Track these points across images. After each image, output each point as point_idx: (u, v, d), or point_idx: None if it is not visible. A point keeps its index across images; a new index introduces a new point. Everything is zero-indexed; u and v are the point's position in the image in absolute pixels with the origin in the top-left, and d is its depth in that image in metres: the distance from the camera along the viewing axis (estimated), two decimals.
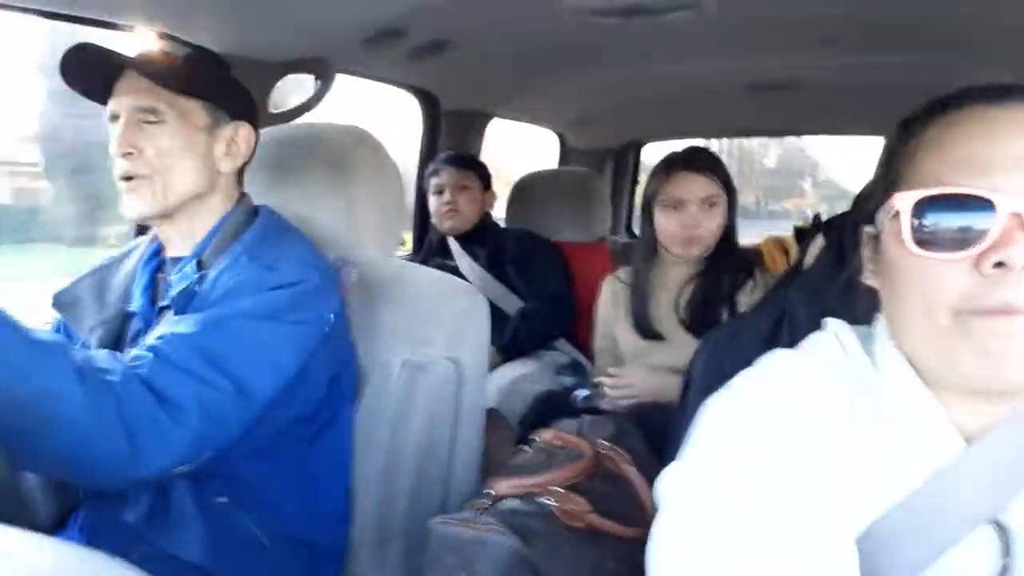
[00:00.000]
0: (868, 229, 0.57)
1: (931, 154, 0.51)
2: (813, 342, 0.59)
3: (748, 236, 1.99)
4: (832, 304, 0.67)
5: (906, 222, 0.50)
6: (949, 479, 0.50)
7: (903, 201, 0.50)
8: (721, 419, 0.54)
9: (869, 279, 0.58)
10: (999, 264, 0.46)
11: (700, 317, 1.44)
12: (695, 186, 1.48)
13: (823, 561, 0.44)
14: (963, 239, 0.47)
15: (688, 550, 0.43)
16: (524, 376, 1.81)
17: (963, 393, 0.51)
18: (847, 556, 0.46)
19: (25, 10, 1.12)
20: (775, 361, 0.58)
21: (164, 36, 1.22)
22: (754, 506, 0.45)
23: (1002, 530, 0.49)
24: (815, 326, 0.62)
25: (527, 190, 2.23)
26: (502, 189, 2.24)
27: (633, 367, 1.50)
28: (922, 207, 0.49)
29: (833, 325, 0.59)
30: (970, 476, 0.49)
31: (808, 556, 0.43)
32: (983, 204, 0.47)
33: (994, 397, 0.50)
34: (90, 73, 0.95)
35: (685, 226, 1.47)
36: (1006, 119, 0.49)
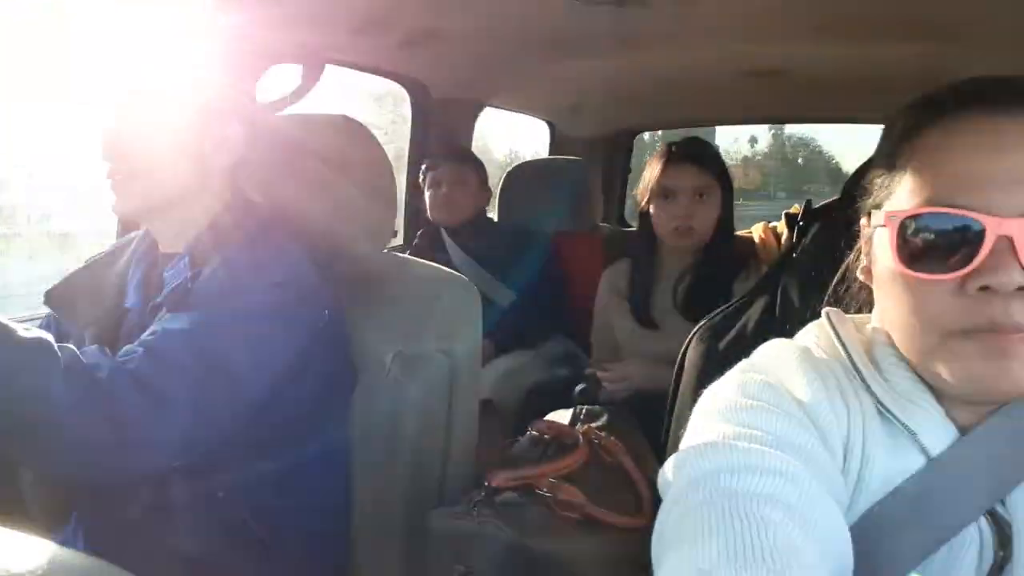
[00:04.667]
0: (865, 227, 0.57)
1: (926, 163, 0.50)
2: (809, 332, 0.59)
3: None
4: (825, 289, 0.67)
5: (893, 238, 0.49)
6: (943, 469, 0.50)
7: (891, 218, 0.49)
8: (720, 407, 0.54)
9: (863, 276, 0.57)
10: (985, 287, 0.45)
11: (697, 306, 1.45)
12: (687, 176, 1.49)
13: (824, 546, 0.44)
14: (950, 260, 0.46)
15: (693, 539, 0.43)
16: (518, 368, 1.81)
17: (952, 399, 0.51)
18: (845, 542, 0.47)
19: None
20: (772, 351, 0.58)
21: (153, 27, 1.21)
22: (757, 510, 0.45)
23: (998, 522, 0.49)
24: (808, 311, 0.62)
25: (519, 180, 2.23)
26: None
27: (629, 358, 1.51)
28: (910, 224, 0.48)
29: (830, 315, 0.59)
30: (964, 467, 0.50)
31: (809, 540, 0.43)
32: (972, 225, 0.45)
33: (985, 404, 0.50)
34: (81, 74, 0.94)
35: (677, 216, 1.49)
36: (1005, 130, 0.47)
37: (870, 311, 0.59)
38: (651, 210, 1.53)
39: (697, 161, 1.51)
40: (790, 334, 0.62)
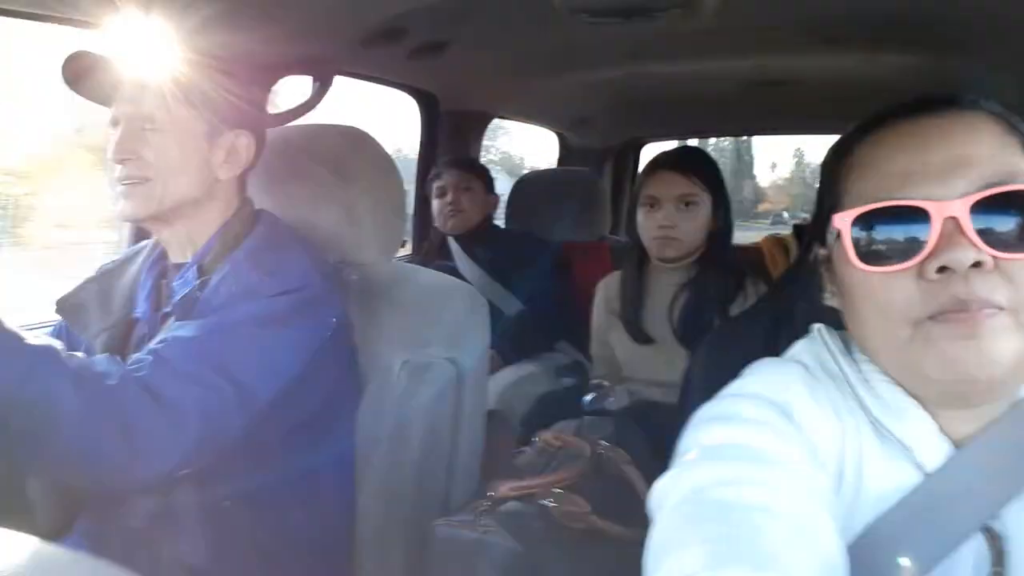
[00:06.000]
0: (822, 251, 0.58)
1: (863, 173, 0.53)
2: (801, 348, 0.60)
3: None
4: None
5: (848, 240, 0.51)
6: (939, 484, 0.50)
7: (842, 221, 0.52)
8: (710, 430, 0.54)
9: (830, 300, 0.58)
10: (943, 269, 0.47)
11: (692, 327, 1.41)
12: (671, 184, 1.45)
13: (815, 553, 0.44)
14: (905, 250, 0.48)
15: (679, 548, 0.43)
16: (525, 377, 1.81)
17: (939, 401, 0.51)
18: (838, 554, 0.46)
19: (17, 13, 1.11)
20: (763, 370, 0.58)
21: (164, 39, 1.22)
22: (744, 516, 0.45)
23: (994, 537, 0.49)
24: (816, 322, 0.62)
25: (527, 190, 2.23)
26: None
27: (629, 376, 1.48)
28: (861, 224, 0.50)
29: (820, 331, 0.59)
30: (960, 481, 0.49)
31: (798, 546, 0.43)
32: (918, 213, 0.48)
33: (971, 401, 0.50)
34: (91, 79, 0.95)
35: (661, 226, 1.45)
36: (929, 130, 0.51)
37: None
38: (638, 220, 1.49)
39: (681, 169, 1.46)
40: None
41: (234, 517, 0.94)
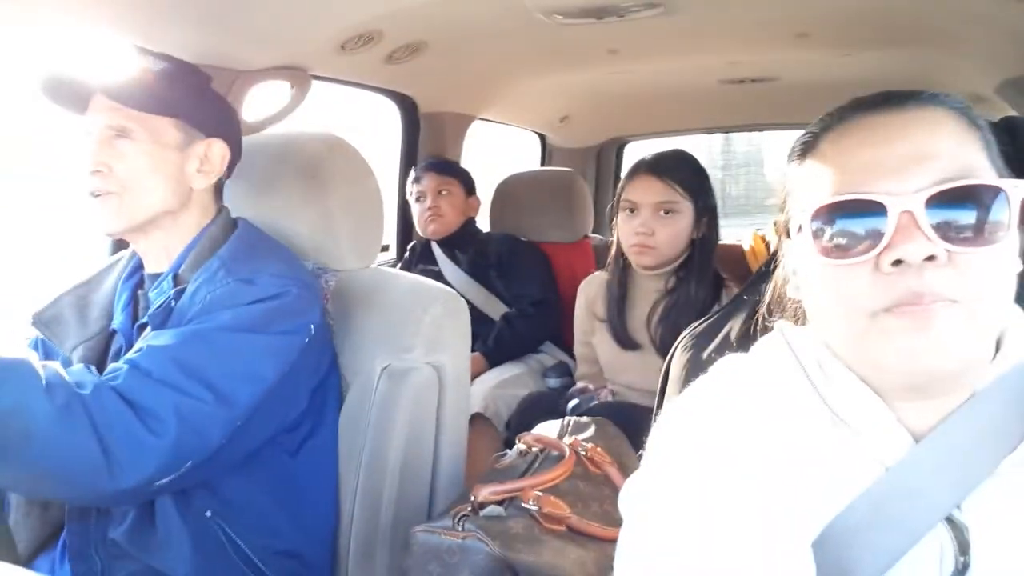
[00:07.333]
0: (787, 242, 0.59)
1: (824, 167, 0.53)
2: (764, 346, 0.60)
3: None
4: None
5: (808, 233, 0.52)
6: (901, 476, 0.50)
7: (803, 213, 0.52)
8: (676, 430, 0.54)
9: (793, 292, 0.59)
10: (898, 262, 0.48)
11: (670, 338, 1.41)
12: (650, 190, 1.41)
13: (778, 568, 0.44)
14: (863, 243, 0.49)
15: (647, 564, 0.43)
16: (510, 379, 1.81)
17: (898, 393, 0.51)
18: (802, 561, 0.47)
19: None
20: (725, 370, 0.59)
21: (139, 48, 1.21)
22: (708, 518, 0.45)
23: (957, 528, 0.49)
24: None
25: (510, 191, 2.24)
26: None
27: (611, 379, 1.47)
28: (821, 217, 0.51)
29: (781, 327, 0.59)
30: (921, 472, 0.50)
31: (763, 564, 0.43)
32: (876, 207, 0.49)
33: (929, 392, 0.51)
34: (67, 90, 0.95)
35: (638, 233, 1.41)
36: (888, 124, 0.52)
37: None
38: (618, 224, 1.46)
39: (661, 175, 1.42)
40: None
41: (216, 527, 0.93)
